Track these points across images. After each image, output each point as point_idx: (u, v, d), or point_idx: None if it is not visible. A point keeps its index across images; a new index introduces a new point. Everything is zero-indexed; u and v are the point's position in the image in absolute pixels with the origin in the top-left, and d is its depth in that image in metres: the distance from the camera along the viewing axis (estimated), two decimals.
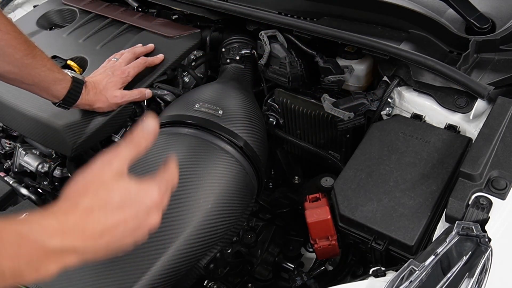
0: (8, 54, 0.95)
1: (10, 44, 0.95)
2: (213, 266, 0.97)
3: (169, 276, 0.86)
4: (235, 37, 1.32)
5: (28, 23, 1.44)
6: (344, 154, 1.24)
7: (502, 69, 0.98)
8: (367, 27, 1.13)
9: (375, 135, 0.99)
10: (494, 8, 1.11)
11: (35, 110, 1.12)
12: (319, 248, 0.92)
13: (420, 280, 0.68)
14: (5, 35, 0.95)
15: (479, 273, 0.69)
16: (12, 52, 0.96)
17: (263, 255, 1.15)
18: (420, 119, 1.02)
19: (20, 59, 0.97)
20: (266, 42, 1.16)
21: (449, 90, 0.99)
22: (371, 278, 0.77)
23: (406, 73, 1.04)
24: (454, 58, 1.02)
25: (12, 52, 0.96)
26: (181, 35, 1.29)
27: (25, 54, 0.97)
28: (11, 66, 0.97)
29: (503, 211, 0.77)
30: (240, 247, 1.09)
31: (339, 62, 1.14)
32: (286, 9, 1.23)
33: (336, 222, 0.91)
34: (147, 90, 1.17)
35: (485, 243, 0.72)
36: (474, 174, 0.79)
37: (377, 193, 0.88)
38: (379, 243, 0.85)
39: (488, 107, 0.97)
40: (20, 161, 1.28)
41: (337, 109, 1.05)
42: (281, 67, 1.15)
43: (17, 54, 0.96)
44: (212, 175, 0.96)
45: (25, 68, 0.98)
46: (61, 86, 1.03)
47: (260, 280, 1.16)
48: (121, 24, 1.35)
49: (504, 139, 0.86)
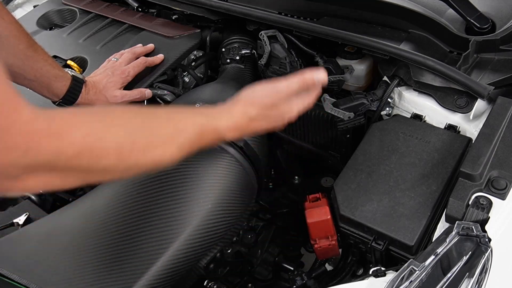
0: (12, 44, 0.96)
1: (14, 34, 0.96)
2: (213, 266, 0.97)
3: (169, 276, 0.86)
4: (235, 37, 1.32)
5: (28, 23, 1.44)
6: (344, 154, 1.24)
7: (502, 69, 0.98)
8: (367, 27, 1.13)
9: (375, 135, 0.99)
10: (494, 8, 1.11)
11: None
12: (319, 248, 0.92)
13: (420, 280, 0.68)
14: (9, 25, 0.95)
15: (479, 273, 0.69)
16: (16, 42, 0.96)
17: (263, 255, 1.15)
18: (420, 119, 1.02)
19: (23, 50, 0.97)
20: (266, 42, 1.16)
21: (449, 90, 0.99)
22: (371, 278, 0.77)
23: (406, 73, 1.04)
24: (454, 58, 1.02)
25: (16, 43, 0.96)
26: (181, 35, 1.29)
27: (27, 45, 0.98)
28: (15, 58, 0.97)
29: (503, 211, 0.77)
30: (240, 247, 1.09)
31: (339, 62, 1.14)
32: (286, 9, 1.23)
33: (336, 222, 0.91)
34: (147, 90, 1.17)
35: (485, 243, 0.72)
36: (474, 174, 0.79)
37: (377, 193, 0.88)
38: (379, 243, 0.85)
39: (488, 107, 0.97)
40: None
41: (337, 109, 1.05)
42: (281, 67, 1.15)
43: (20, 45, 0.97)
44: (212, 175, 0.96)
45: (28, 60, 0.98)
46: (61, 84, 1.03)
47: (260, 280, 1.16)
48: (121, 24, 1.35)
49: (504, 139, 0.86)
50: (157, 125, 0.72)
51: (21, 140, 0.55)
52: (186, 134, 0.74)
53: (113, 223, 0.90)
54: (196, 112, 0.82)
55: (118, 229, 0.89)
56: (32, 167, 0.58)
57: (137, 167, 0.70)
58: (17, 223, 1.05)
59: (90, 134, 0.62)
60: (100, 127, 0.64)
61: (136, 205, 0.92)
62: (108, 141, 0.64)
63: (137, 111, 0.73)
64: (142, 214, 0.90)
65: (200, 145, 0.77)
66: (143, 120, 0.71)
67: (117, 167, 0.66)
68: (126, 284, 0.82)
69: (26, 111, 0.56)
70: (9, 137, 0.55)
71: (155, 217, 0.90)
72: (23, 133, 0.55)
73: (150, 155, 0.70)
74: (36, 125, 0.57)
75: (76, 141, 0.60)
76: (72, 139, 0.60)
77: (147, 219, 0.90)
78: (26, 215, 1.06)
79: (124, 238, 0.87)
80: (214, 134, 0.80)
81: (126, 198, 0.93)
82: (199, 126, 0.77)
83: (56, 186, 0.63)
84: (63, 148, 0.59)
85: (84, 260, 0.85)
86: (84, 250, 0.87)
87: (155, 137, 0.71)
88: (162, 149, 0.71)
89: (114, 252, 0.85)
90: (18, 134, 0.55)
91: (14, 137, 0.55)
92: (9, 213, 1.10)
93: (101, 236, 0.88)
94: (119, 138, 0.66)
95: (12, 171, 0.57)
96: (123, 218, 0.90)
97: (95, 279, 0.83)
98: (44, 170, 0.59)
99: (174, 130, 0.74)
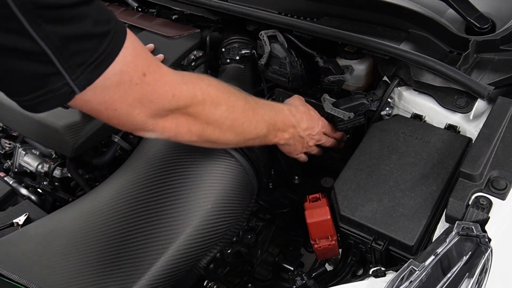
0: None
1: None
2: (213, 266, 0.97)
3: (169, 276, 0.87)
4: (235, 37, 1.32)
5: None
6: (344, 154, 1.23)
7: (502, 69, 0.98)
8: (367, 27, 1.13)
9: (375, 135, 0.99)
10: (494, 8, 1.11)
11: None
12: (319, 248, 0.92)
13: (420, 280, 0.68)
14: None
15: (479, 273, 0.69)
16: None
17: (263, 255, 1.15)
18: (420, 119, 1.02)
19: None
20: (266, 42, 1.16)
21: (449, 90, 0.99)
22: (371, 278, 0.77)
23: (406, 73, 1.04)
24: (454, 58, 1.02)
25: None
26: (181, 35, 1.28)
27: None
28: None
29: (503, 211, 0.77)
30: (240, 247, 1.09)
31: (339, 62, 1.14)
32: (286, 9, 1.23)
33: (336, 222, 0.91)
34: None
35: (485, 243, 0.71)
36: (474, 174, 0.79)
37: (377, 193, 0.88)
38: (379, 243, 0.85)
39: (488, 107, 0.97)
40: (20, 161, 1.28)
41: (337, 109, 1.05)
42: (281, 67, 1.15)
43: None
44: (212, 175, 0.96)
45: None
46: None
47: (260, 280, 1.16)
48: None
49: (504, 139, 0.86)
50: (258, 102, 0.94)
51: (168, 88, 0.75)
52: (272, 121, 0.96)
53: (113, 223, 0.90)
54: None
55: (118, 229, 0.89)
56: (174, 109, 0.77)
57: (237, 127, 0.88)
58: (17, 223, 1.06)
59: (211, 85, 0.83)
60: (217, 83, 0.86)
61: (136, 205, 0.92)
62: (223, 94, 0.85)
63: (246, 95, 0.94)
64: (142, 214, 0.90)
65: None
66: (246, 96, 0.92)
67: (226, 120, 0.85)
68: (126, 284, 0.83)
69: (164, 68, 0.75)
70: (160, 86, 0.73)
71: (155, 217, 0.90)
72: (168, 83, 0.75)
73: (249, 120, 0.89)
74: (175, 77, 0.76)
75: (203, 88, 0.80)
76: (200, 86, 0.80)
77: (147, 219, 0.90)
78: (26, 215, 1.06)
79: (124, 238, 0.87)
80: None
81: (126, 198, 0.93)
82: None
83: (184, 131, 0.81)
84: (195, 92, 0.79)
85: (84, 260, 0.85)
86: (84, 250, 0.87)
87: (257, 109, 0.92)
88: (257, 120, 0.92)
89: (114, 252, 0.85)
90: (166, 84, 0.74)
91: (163, 86, 0.74)
92: (9, 213, 1.10)
93: (101, 236, 0.88)
94: (231, 96, 0.87)
95: (161, 112, 0.76)
96: (123, 218, 0.90)
97: (95, 279, 0.83)
98: (180, 113, 0.78)
99: (269, 112, 0.96)
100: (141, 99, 0.71)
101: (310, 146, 1.08)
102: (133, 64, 0.69)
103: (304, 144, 1.06)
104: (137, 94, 0.71)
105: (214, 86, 0.84)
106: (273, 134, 0.97)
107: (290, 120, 1.00)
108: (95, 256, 0.85)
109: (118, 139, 1.18)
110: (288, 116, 1.00)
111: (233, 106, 0.86)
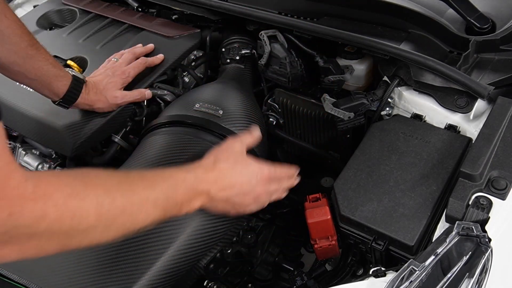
0: (14, 42, 0.95)
1: (16, 32, 0.95)
2: (213, 266, 0.97)
3: (169, 276, 0.86)
4: (235, 37, 1.32)
5: (28, 23, 1.42)
6: (344, 154, 1.24)
7: (502, 69, 0.98)
8: (367, 27, 1.13)
9: (375, 135, 0.99)
10: (494, 8, 1.11)
11: (35, 110, 1.12)
12: (319, 248, 0.92)
13: (420, 280, 0.68)
14: (11, 24, 0.95)
15: (479, 273, 0.69)
16: (18, 41, 0.96)
17: (263, 255, 1.15)
18: (420, 119, 1.02)
19: (25, 48, 0.97)
20: (266, 42, 1.16)
21: (449, 90, 0.99)
22: (371, 278, 0.77)
23: (406, 73, 1.04)
24: (454, 58, 1.02)
25: (18, 41, 0.96)
26: (181, 35, 1.29)
27: (29, 44, 0.98)
28: (16, 56, 0.97)
29: (503, 211, 0.77)
30: (240, 247, 1.09)
31: (339, 62, 1.14)
32: (286, 9, 1.23)
33: (336, 222, 0.91)
34: (147, 91, 1.17)
35: (485, 243, 0.72)
36: (474, 174, 0.79)
37: (377, 193, 0.88)
38: (379, 243, 0.85)
39: (488, 107, 0.97)
40: (20, 161, 1.27)
41: (337, 109, 1.05)
42: (281, 67, 1.15)
43: (22, 43, 0.96)
44: None
45: (29, 59, 0.98)
46: (62, 83, 1.03)
47: (260, 280, 1.16)
48: (121, 24, 1.35)
49: (504, 139, 0.86)
50: (134, 186, 0.72)
51: (5, 204, 0.54)
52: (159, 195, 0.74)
53: None
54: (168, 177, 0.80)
55: None
56: (10, 233, 0.55)
57: (115, 228, 0.68)
58: None
59: (71, 195, 0.61)
60: (80, 186, 0.63)
61: None
62: (89, 200, 0.63)
63: (113, 173, 0.74)
64: None
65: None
66: (119, 180, 0.71)
67: (97, 228, 0.64)
68: (126, 284, 0.82)
69: (17, 176, 0.55)
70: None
71: None
72: (8, 198, 0.54)
73: (128, 213, 0.69)
74: (23, 190, 0.55)
75: (59, 203, 0.59)
76: (55, 201, 0.58)
77: None
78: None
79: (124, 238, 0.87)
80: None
81: None
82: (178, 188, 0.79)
83: (30, 255, 0.60)
84: (46, 210, 0.57)
85: (84, 260, 0.85)
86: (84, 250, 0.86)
87: (134, 196, 0.70)
88: (139, 208, 0.71)
89: (114, 252, 0.85)
90: (3, 198, 0.53)
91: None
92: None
93: None
94: (98, 196, 0.64)
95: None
96: None
97: (95, 279, 0.83)
98: (21, 237, 0.57)
99: (163, 190, 0.75)
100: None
101: (260, 202, 0.90)
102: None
103: (244, 202, 0.88)
104: None
105: (77, 189, 0.62)
106: (176, 209, 0.78)
107: (196, 188, 0.81)
108: (95, 256, 0.85)
109: (118, 139, 1.17)
110: (193, 184, 0.80)
111: (101, 207, 0.65)
